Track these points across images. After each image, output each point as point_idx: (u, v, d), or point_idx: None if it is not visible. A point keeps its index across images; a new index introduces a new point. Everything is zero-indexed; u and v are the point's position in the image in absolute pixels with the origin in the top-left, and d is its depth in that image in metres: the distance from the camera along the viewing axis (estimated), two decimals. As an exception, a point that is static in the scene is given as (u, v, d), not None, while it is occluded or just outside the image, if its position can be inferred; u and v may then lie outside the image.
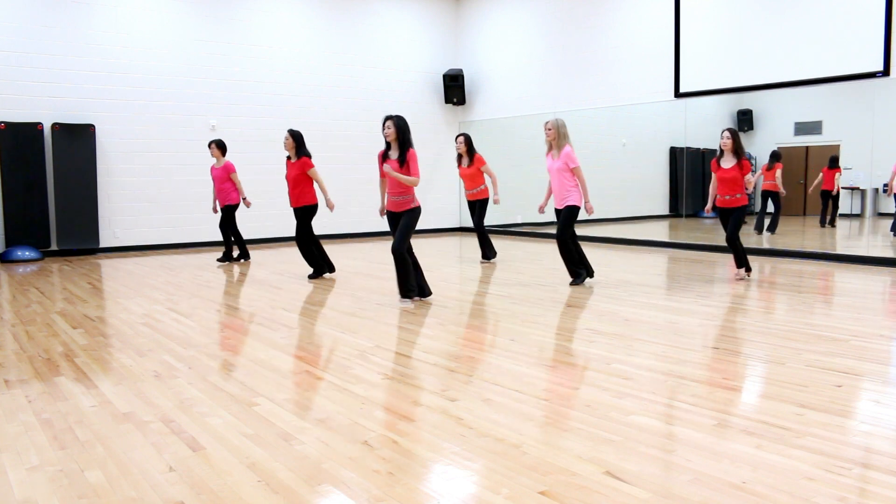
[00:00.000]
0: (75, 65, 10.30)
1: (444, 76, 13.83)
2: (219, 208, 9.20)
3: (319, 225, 12.57)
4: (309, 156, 7.61)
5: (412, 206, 6.06)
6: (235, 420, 3.24)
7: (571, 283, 7.01)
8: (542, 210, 7.39)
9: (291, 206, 7.71)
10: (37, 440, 3.03)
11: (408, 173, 5.91)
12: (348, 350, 4.57)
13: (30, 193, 9.95)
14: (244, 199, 9.13)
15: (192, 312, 5.98)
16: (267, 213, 11.80)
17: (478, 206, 8.94)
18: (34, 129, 9.91)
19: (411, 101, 13.55)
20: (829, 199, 10.89)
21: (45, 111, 10.10)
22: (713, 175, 7.18)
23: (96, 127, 10.43)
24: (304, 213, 7.66)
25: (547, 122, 6.84)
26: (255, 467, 2.70)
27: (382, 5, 13.14)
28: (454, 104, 14.01)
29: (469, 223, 14.24)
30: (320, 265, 7.84)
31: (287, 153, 7.87)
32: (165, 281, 7.84)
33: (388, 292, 6.75)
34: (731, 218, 7.12)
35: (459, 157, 8.89)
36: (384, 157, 6.02)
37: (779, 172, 11.14)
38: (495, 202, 8.90)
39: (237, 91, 11.66)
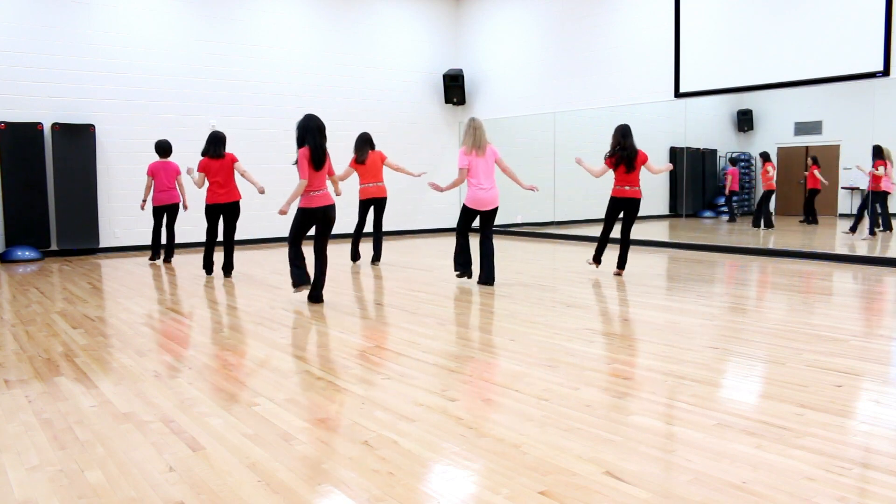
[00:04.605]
0: (75, 65, 10.30)
1: (444, 76, 13.82)
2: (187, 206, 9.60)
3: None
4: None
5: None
6: (235, 420, 3.24)
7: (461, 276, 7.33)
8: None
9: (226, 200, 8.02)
10: (37, 440, 3.03)
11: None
12: (348, 350, 4.57)
13: (30, 193, 9.95)
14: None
15: (192, 312, 5.99)
16: (267, 213, 11.78)
17: (384, 203, 8.89)
18: (34, 129, 9.91)
19: (411, 101, 13.55)
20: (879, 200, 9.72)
21: (45, 111, 10.10)
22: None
23: (96, 127, 10.43)
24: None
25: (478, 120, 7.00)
26: (255, 467, 2.70)
27: (382, 5, 13.14)
28: (454, 104, 14.00)
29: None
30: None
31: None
32: (165, 281, 7.84)
33: (389, 292, 6.75)
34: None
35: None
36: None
37: (816, 172, 11.16)
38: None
39: (237, 91, 11.66)
